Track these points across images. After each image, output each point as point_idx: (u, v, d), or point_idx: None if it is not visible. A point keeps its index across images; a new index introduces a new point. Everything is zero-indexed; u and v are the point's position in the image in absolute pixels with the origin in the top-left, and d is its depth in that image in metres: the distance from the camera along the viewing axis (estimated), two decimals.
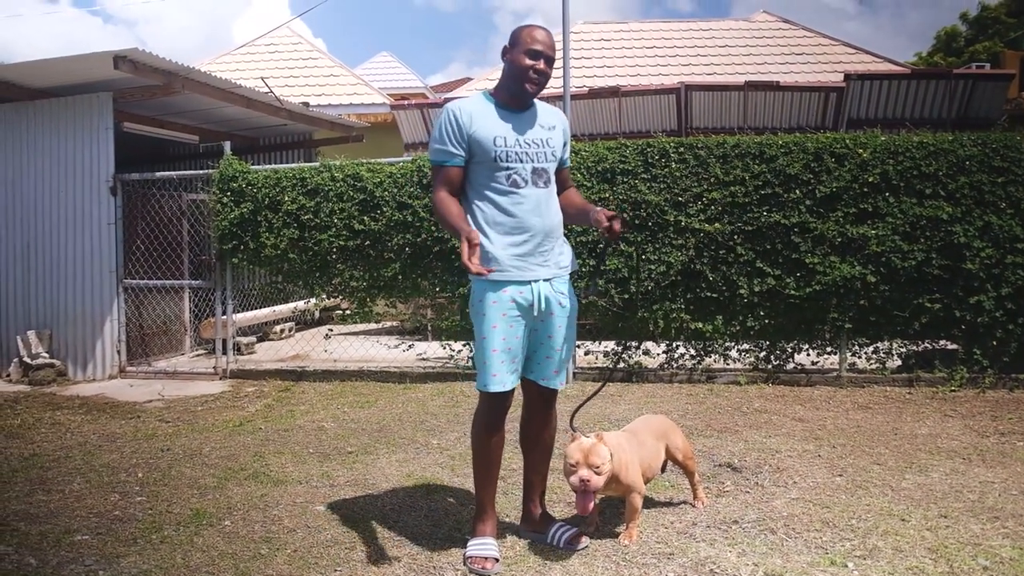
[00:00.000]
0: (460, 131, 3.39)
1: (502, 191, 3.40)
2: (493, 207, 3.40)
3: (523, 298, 3.39)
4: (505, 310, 3.38)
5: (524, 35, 3.44)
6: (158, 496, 4.38)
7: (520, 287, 3.40)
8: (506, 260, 3.38)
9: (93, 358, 8.35)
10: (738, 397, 6.65)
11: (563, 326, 3.53)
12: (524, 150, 3.42)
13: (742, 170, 7.13)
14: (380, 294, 7.94)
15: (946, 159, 6.94)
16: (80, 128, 8.33)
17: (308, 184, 7.83)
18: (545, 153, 3.48)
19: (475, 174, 3.45)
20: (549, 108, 3.66)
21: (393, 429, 5.80)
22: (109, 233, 8.31)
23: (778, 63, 15.75)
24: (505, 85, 3.50)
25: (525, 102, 3.51)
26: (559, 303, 3.50)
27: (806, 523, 3.81)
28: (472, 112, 3.43)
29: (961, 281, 6.88)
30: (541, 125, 3.52)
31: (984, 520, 3.84)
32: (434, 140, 3.46)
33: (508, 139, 3.40)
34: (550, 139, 3.52)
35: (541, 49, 3.40)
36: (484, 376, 3.40)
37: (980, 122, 11.06)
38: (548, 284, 3.46)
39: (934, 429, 5.59)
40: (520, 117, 3.48)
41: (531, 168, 3.43)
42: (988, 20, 31.07)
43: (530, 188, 3.42)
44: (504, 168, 3.39)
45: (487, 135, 3.38)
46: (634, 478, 3.59)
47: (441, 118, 3.45)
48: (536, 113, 3.54)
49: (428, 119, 12.83)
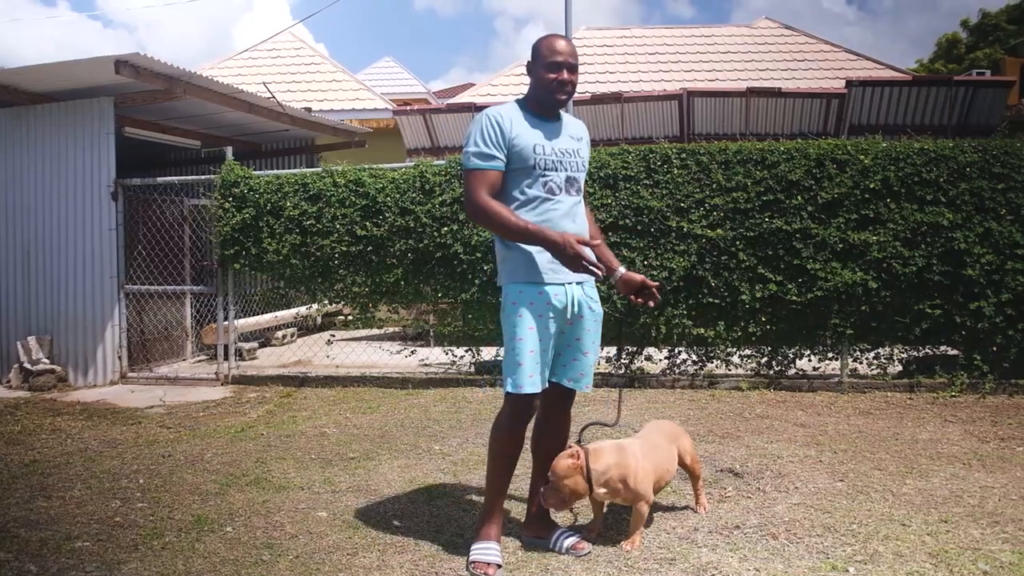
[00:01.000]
0: (503, 136, 3.41)
1: (538, 198, 3.44)
2: (529, 213, 3.42)
3: (558, 300, 3.43)
4: (541, 312, 3.41)
5: (544, 47, 3.50)
6: (159, 502, 4.38)
7: (555, 290, 3.44)
8: (542, 263, 3.42)
9: (94, 364, 8.35)
10: (740, 403, 6.65)
11: (591, 329, 3.57)
12: (559, 159, 3.48)
13: (744, 176, 7.14)
14: (382, 300, 7.95)
15: (947, 165, 6.95)
16: (81, 133, 8.34)
17: (310, 189, 7.84)
18: (577, 163, 3.55)
19: (511, 180, 3.46)
20: (574, 120, 3.73)
21: (395, 435, 5.80)
22: (110, 238, 8.31)
23: (780, 69, 15.79)
24: (535, 97, 3.53)
25: (555, 112, 3.57)
26: (589, 307, 3.55)
27: (807, 528, 3.81)
28: (512, 118, 3.45)
29: (961, 287, 6.89)
30: (571, 136, 3.58)
31: (984, 525, 3.84)
32: (472, 145, 3.44)
33: (545, 147, 3.45)
34: (580, 149, 3.59)
35: (562, 60, 3.46)
36: (519, 377, 3.38)
37: (980, 129, 11.08)
38: (580, 288, 3.51)
39: (935, 434, 5.59)
40: (552, 126, 3.53)
41: (565, 176, 3.49)
42: (989, 27, 31.13)
43: (563, 195, 3.48)
44: (541, 176, 3.44)
45: (527, 142, 3.42)
46: (643, 487, 3.59)
47: (480, 123, 3.45)
48: (564, 123, 3.60)
49: (430, 124, 12.86)
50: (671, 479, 3.90)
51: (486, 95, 15.40)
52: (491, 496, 3.57)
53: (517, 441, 3.52)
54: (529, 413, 3.48)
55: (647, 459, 3.66)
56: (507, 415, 3.48)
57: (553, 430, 3.69)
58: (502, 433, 3.51)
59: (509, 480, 3.59)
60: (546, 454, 3.68)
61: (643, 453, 3.68)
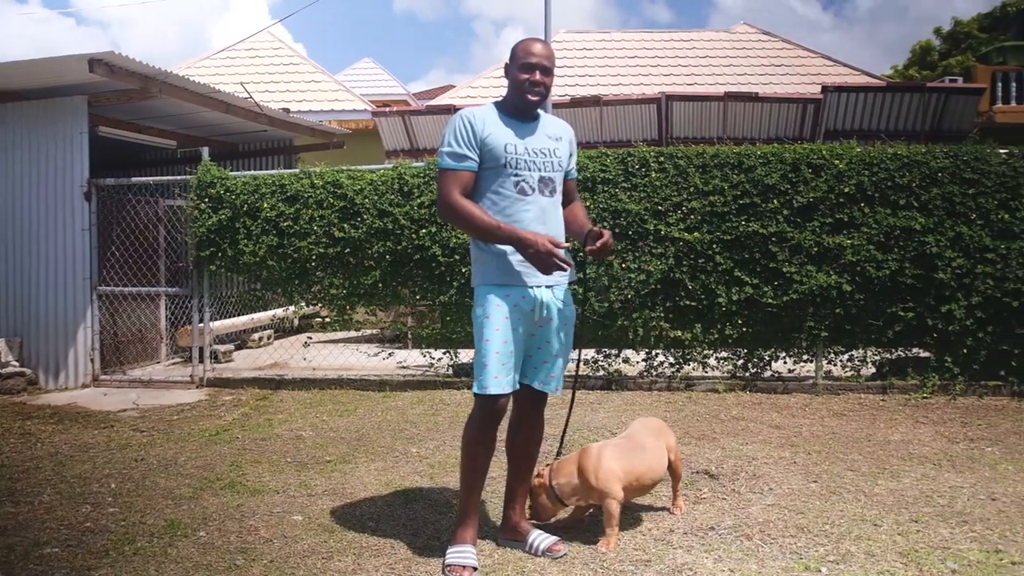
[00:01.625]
0: (474, 136, 3.46)
1: (510, 198, 3.47)
2: (500, 214, 3.45)
3: (525, 303, 3.45)
4: (508, 314, 3.43)
5: (519, 50, 3.55)
6: (131, 507, 4.34)
7: (523, 292, 3.45)
8: (512, 265, 3.44)
9: (66, 366, 8.25)
10: (716, 404, 6.69)
11: (561, 332, 3.58)
12: (532, 158, 3.49)
13: (721, 180, 7.18)
14: (360, 302, 7.92)
15: (919, 171, 7.03)
16: (54, 132, 8.25)
17: (288, 191, 7.80)
18: (552, 163, 3.55)
19: (483, 180, 3.51)
20: (556, 120, 3.75)
21: (372, 438, 5.79)
22: (83, 239, 8.23)
23: (757, 74, 15.91)
24: (510, 98, 3.57)
25: (529, 113, 3.58)
26: (559, 309, 3.55)
27: (781, 529, 3.84)
28: (484, 118, 3.50)
29: (933, 290, 6.96)
30: (548, 135, 3.59)
31: (953, 524, 3.89)
32: (446, 145, 3.50)
33: (517, 147, 3.48)
34: (556, 149, 3.59)
35: (535, 61, 3.49)
36: (485, 379, 3.41)
37: (952, 135, 11.22)
38: (549, 291, 3.52)
39: (906, 435, 5.65)
40: (527, 126, 3.56)
41: (538, 176, 3.50)
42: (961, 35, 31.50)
43: (536, 196, 3.49)
44: (512, 175, 3.47)
45: (498, 141, 3.46)
46: (605, 486, 3.61)
47: (453, 124, 3.51)
48: (542, 123, 3.62)
49: (409, 126, 12.84)
50: (660, 477, 3.90)
51: (466, 97, 15.39)
52: (465, 498, 3.58)
53: (487, 442, 3.52)
54: (497, 414, 3.48)
55: (614, 459, 3.68)
56: (476, 416, 3.51)
57: (526, 432, 3.70)
58: (471, 434, 3.53)
59: (482, 481, 3.60)
60: (520, 456, 3.71)
61: (612, 453, 3.70)
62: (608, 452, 3.70)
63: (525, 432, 3.70)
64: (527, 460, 3.72)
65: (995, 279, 6.89)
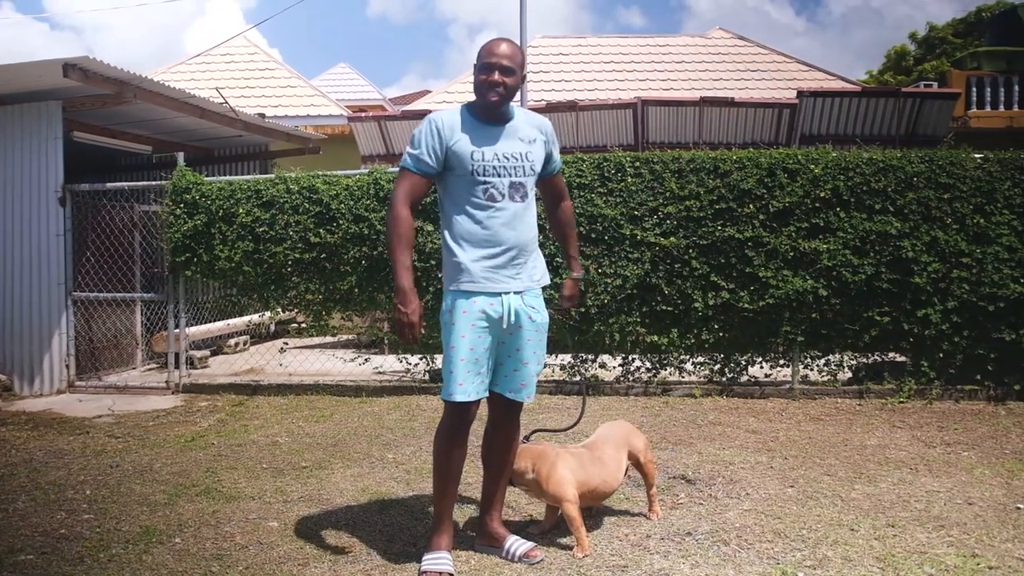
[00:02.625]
0: (440, 143, 3.42)
1: (478, 204, 3.42)
2: (468, 219, 3.43)
3: (493, 310, 3.41)
4: (474, 320, 3.40)
5: (483, 50, 3.50)
6: (106, 513, 4.30)
7: (491, 299, 3.42)
8: (478, 272, 3.41)
9: (40, 372, 8.16)
10: (693, 409, 6.71)
11: (532, 340, 3.53)
12: (502, 164, 3.44)
13: (697, 185, 7.21)
14: (336, 307, 7.89)
15: (895, 175, 7.09)
16: (28, 137, 8.16)
17: (263, 196, 7.76)
18: (523, 167, 3.49)
19: (452, 186, 3.47)
20: (532, 119, 3.66)
21: (348, 443, 5.76)
22: (58, 244, 8.14)
23: (733, 79, 16.00)
24: (476, 100, 3.52)
25: (495, 114, 3.50)
26: (529, 316, 3.50)
27: (758, 534, 3.85)
28: (453, 124, 3.45)
29: (909, 295, 7.02)
30: (521, 139, 3.52)
31: (930, 529, 3.91)
32: (411, 146, 3.48)
33: (486, 153, 3.42)
34: (529, 153, 3.52)
35: (494, 61, 3.43)
36: (450, 385, 3.41)
37: (927, 139, 11.33)
38: (519, 297, 3.48)
39: (883, 440, 5.69)
40: (498, 131, 3.49)
41: (508, 182, 3.45)
42: (936, 40, 31.86)
43: (507, 202, 3.44)
44: (481, 182, 3.42)
45: (465, 149, 3.40)
46: (557, 489, 3.61)
47: (422, 127, 3.48)
48: (516, 126, 3.54)
49: (386, 132, 12.80)
50: (614, 489, 3.89)
51: (442, 102, 15.39)
52: (439, 504, 3.56)
53: (457, 448, 3.51)
54: (464, 420, 3.47)
55: (568, 468, 3.65)
56: (445, 423, 3.51)
57: (501, 440, 3.67)
58: (441, 441, 3.52)
59: (455, 487, 3.58)
60: (496, 463, 3.69)
61: (567, 462, 3.67)
62: (563, 461, 3.68)
63: (500, 439, 3.67)
64: (503, 467, 3.69)
65: (971, 283, 6.95)
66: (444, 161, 3.44)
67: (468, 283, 3.41)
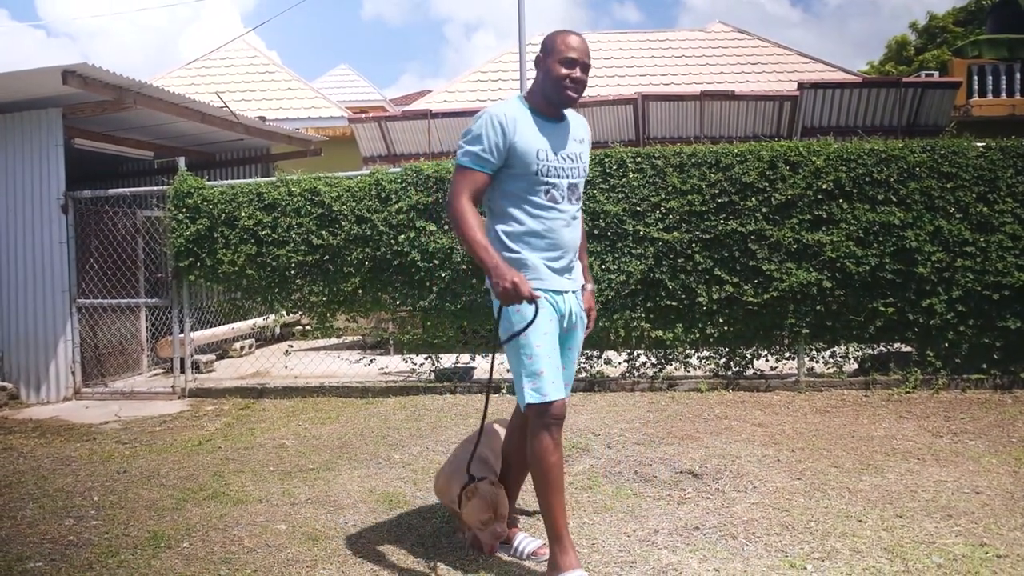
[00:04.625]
0: (504, 139, 3.24)
1: (541, 205, 3.29)
2: (531, 220, 3.29)
3: (558, 308, 3.35)
4: (552, 317, 3.30)
5: (559, 42, 3.31)
6: (114, 519, 4.31)
7: (556, 297, 3.34)
8: (543, 269, 3.31)
9: (47, 380, 8.18)
10: (699, 404, 6.70)
11: (577, 339, 3.51)
12: (562, 165, 3.32)
13: (699, 179, 7.20)
14: (340, 309, 7.89)
15: (897, 166, 7.07)
16: (29, 145, 8.18)
17: (265, 199, 7.77)
18: (579, 168, 3.40)
19: (511, 184, 3.32)
20: (578, 119, 3.54)
21: (355, 444, 5.76)
22: (61, 252, 8.16)
23: (734, 72, 15.96)
24: (541, 92, 3.35)
25: (561, 112, 3.40)
26: (579, 316, 3.48)
27: (766, 527, 3.85)
28: (516, 120, 3.27)
29: (913, 285, 7.00)
30: (575, 139, 3.42)
31: (938, 519, 3.91)
32: (469, 142, 3.28)
33: (549, 154, 3.29)
34: (582, 153, 3.43)
35: (577, 56, 3.28)
36: (543, 386, 3.20)
37: (929, 129, 11.29)
38: (574, 296, 3.43)
39: (890, 431, 5.68)
40: (557, 129, 3.37)
41: (567, 184, 3.34)
42: (936, 29, 31.75)
43: (566, 204, 3.34)
44: (544, 183, 3.29)
45: (530, 147, 3.26)
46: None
47: (482, 121, 3.26)
48: (569, 125, 3.43)
49: (386, 132, 12.81)
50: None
51: (442, 102, 15.38)
52: (554, 521, 3.26)
53: (556, 449, 3.24)
54: (560, 419, 3.25)
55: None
56: (538, 427, 3.23)
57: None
58: (543, 449, 3.22)
59: (564, 495, 3.32)
60: (518, 462, 3.63)
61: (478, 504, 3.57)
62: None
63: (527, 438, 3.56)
64: (524, 468, 3.61)
65: (975, 272, 6.94)
66: (506, 158, 3.27)
67: (535, 280, 3.26)
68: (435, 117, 12.53)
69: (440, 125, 12.46)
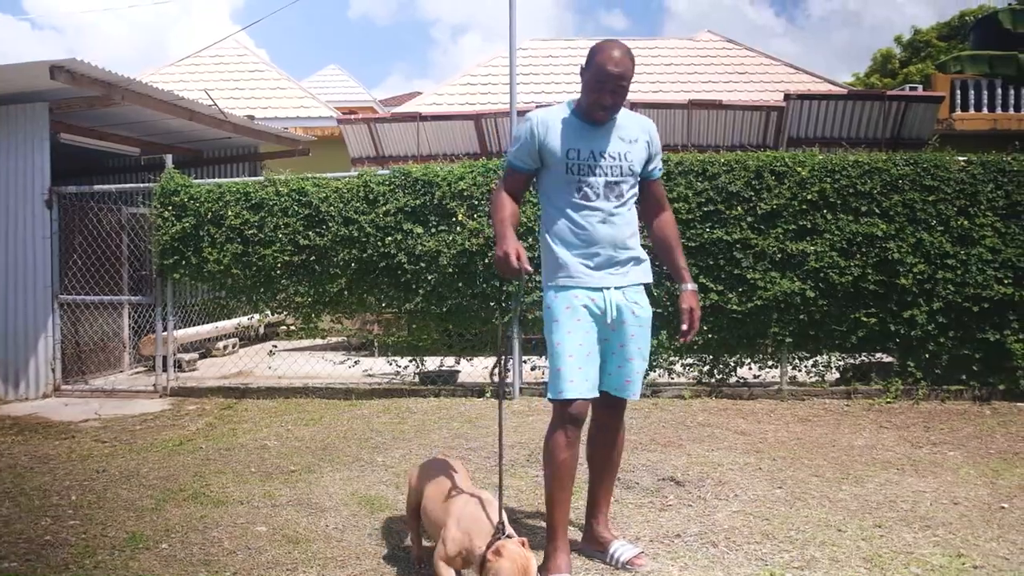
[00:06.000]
0: (533, 141, 3.44)
1: (573, 203, 3.41)
2: (563, 217, 3.42)
3: (596, 305, 3.38)
4: (580, 316, 3.35)
5: (596, 61, 3.36)
6: (92, 519, 4.28)
7: (592, 293, 3.38)
8: (577, 266, 3.39)
9: (26, 376, 8.11)
10: (682, 411, 6.72)
11: (636, 335, 3.48)
12: (597, 163, 3.40)
13: (685, 187, 7.23)
14: (325, 310, 7.87)
15: (880, 178, 7.12)
16: (14, 139, 8.12)
17: (252, 198, 7.74)
18: (621, 167, 3.44)
19: (548, 182, 3.49)
20: (635, 119, 3.58)
21: (337, 447, 5.75)
22: (44, 247, 8.10)
23: (721, 82, 16.04)
24: (583, 102, 3.46)
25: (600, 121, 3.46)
26: (632, 312, 3.47)
27: (746, 535, 3.87)
28: (549, 122, 3.44)
29: (895, 296, 7.05)
30: (621, 138, 3.47)
31: (916, 529, 3.94)
32: (512, 144, 3.56)
33: (582, 151, 3.40)
34: (628, 153, 3.46)
35: (612, 76, 3.31)
36: (559, 383, 3.32)
37: (913, 142, 11.36)
38: (620, 292, 3.45)
39: (870, 440, 5.72)
40: (599, 130, 3.45)
41: (604, 181, 3.41)
42: (921, 44, 32.04)
43: (601, 201, 3.41)
44: (575, 180, 3.40)
45: (559, 146, 3.40)
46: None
47: (520, 127, 3.50)
48: (617, 125, 3.48)
49: (375, 134, 12.77)
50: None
51: (432, 104, 15.38)
52: (552, 515, 3.39)
53: (570, 451, 3.35)
54: (574, 420, 3.34)
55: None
56: (554, 425, 3.38)
57: (607, 439, 3.61)
58: (553, 444, 3.36)
59: (568, 497, 3.40)
60: (602, 465, 3.63)
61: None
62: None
63: (606, 439, 3.61)
64: (610, 469, 3.64)
65: (956, 285, 7.00)
66: (540, 159, 3.46)
67: (566, 278, 3.39)
68: (424, 120, 12.50)
69: (429, 128, 12.44)
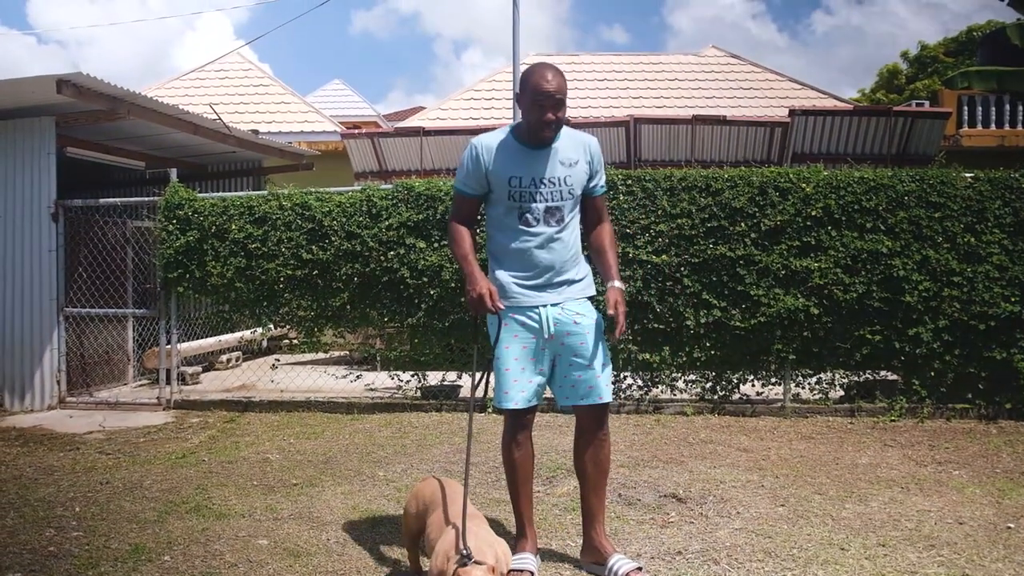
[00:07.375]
0: (479, 167, 3.54)
1: (513, 228, 3.54)
2: (505, 240, 3.57)
3: (533, 321, 3.52)
4: (516, 331, 3.51)
5: (531, 83, 3.45)
6: (95, 531, 4.28)
7: (529, 311, 3.53)
8: (513, 288, 3.53)
9: (31, 388, 8.13)
10: (684, 427, 6.71)
11: (586, 342, 3.57)
12: (538, 189, 3.51)
13: (689, 203, 7.23)
14: (328, 324, 7.88)
15: (886, 194, 7.12)
16: (21, 153, 8.15)
17: (256, 212, 7.76)
18: (561, 192, 3.54)
19: (493, 208, 3.62)
20: (576, 139, 3.64)
21: (339, 461, 5.74)
22: (50, 260, 8.12)
23: (726, 97, 16.09)
24: (524, 127, 3.55)
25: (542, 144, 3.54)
26: (574, 321, 3.57)
27: (748, 553, 3.85)
28: (492, 149, 3.54)
29: (900, 313, 7.04)
30: (562, 162, 3.55)
31: (920, 548, 3.91)
32: (458, 169, 3.64)
33: (523, 179, 3.51)
34: (568, 177, 3.55)
35: (546, 97, 3.41)
36: (498, 395, 3.56)
37: (918, 158, 11.38)
38: (558, 307, 3.56)
39: (874, 459, 5.70)
40: (540, 155, 3.53)
41: (544, 207, 3.53)
42: (927, 59, 32.11)
43: (541, 227, 3.53)
44: (516, 206, 3.52)
45: (503, 174, 3.50)
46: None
47: (466, 152, 3.59)
48: (557, 148, 3.55)
49: (379, 148, 12.82)
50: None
51: (435, 119, 15.44)
52: (515, 508, 3.70)
53: (519, 452, 3.63)
54: (518, 426, 3.61)
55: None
56: (504, 430, 3.67)
57: (590, 447, 3.65)
58: (504, 446, 3.66)
59: (527, 491, 3.68)
60: (588, 472, 3.67)
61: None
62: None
63: (588, 447, 3.65)
64: (599, 476, 3.67)
65: (961, 302, 6.98)
66: (487, 184, 3.56)
67: (506, 296, 3.52)
68: (428, 134, 12.54)
69: (432, 143, 12.48)
